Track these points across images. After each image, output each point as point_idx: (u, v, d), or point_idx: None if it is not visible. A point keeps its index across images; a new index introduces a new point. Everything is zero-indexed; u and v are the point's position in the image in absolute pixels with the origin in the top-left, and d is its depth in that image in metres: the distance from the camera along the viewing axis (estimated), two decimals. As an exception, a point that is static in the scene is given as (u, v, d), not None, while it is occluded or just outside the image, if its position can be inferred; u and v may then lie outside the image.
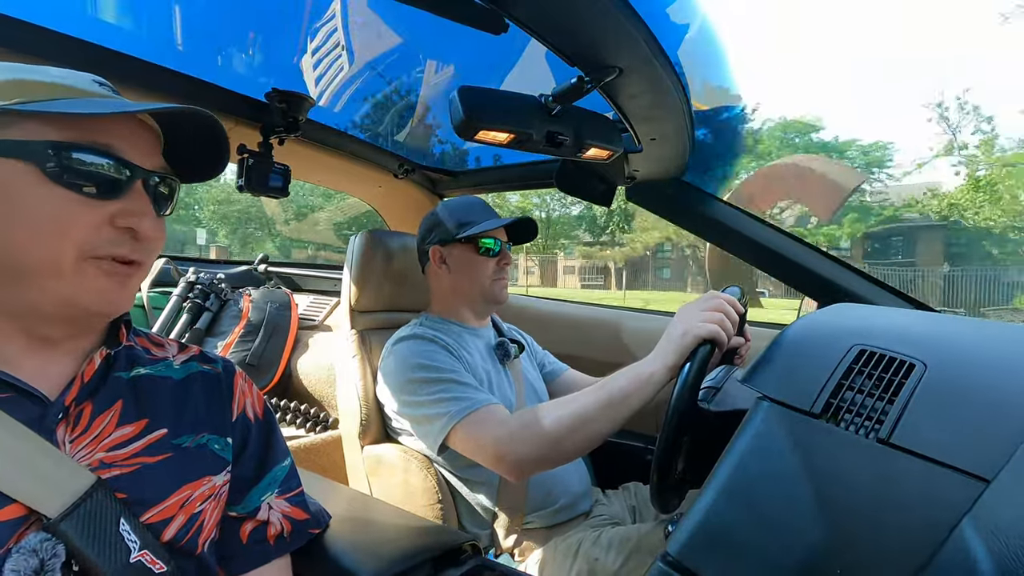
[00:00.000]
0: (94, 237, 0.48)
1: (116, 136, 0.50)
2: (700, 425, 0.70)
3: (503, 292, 1.21)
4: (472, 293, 1.21)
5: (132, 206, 0.50)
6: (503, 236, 1.21)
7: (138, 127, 0.52)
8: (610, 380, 0.86)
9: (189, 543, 0.55)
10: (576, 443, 0.87)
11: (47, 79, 0.49)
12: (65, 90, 0.49)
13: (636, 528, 1.03)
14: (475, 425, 0.95)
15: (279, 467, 0.66)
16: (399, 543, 0.74)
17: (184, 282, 1.93)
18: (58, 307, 0.49)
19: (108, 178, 0.49)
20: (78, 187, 0.47)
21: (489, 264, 1.18)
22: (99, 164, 0.48)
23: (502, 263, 1.20)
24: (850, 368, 0.53)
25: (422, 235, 1.25)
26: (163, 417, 0.57)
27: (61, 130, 0.47)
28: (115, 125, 0.50)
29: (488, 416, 0.95)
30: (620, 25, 0.71)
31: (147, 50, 1.05)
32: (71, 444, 0.50)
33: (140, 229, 0.50)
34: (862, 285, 1.18)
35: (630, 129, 1.01)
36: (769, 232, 1.25)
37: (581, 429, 0.85)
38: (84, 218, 0.48)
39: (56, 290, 0.48)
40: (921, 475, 0.44)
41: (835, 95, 41.14)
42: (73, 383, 0.51)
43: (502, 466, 0.92)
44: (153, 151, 0.53)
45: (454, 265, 1.20)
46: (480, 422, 0.95)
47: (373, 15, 1.09)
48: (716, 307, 0.81)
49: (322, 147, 1.46)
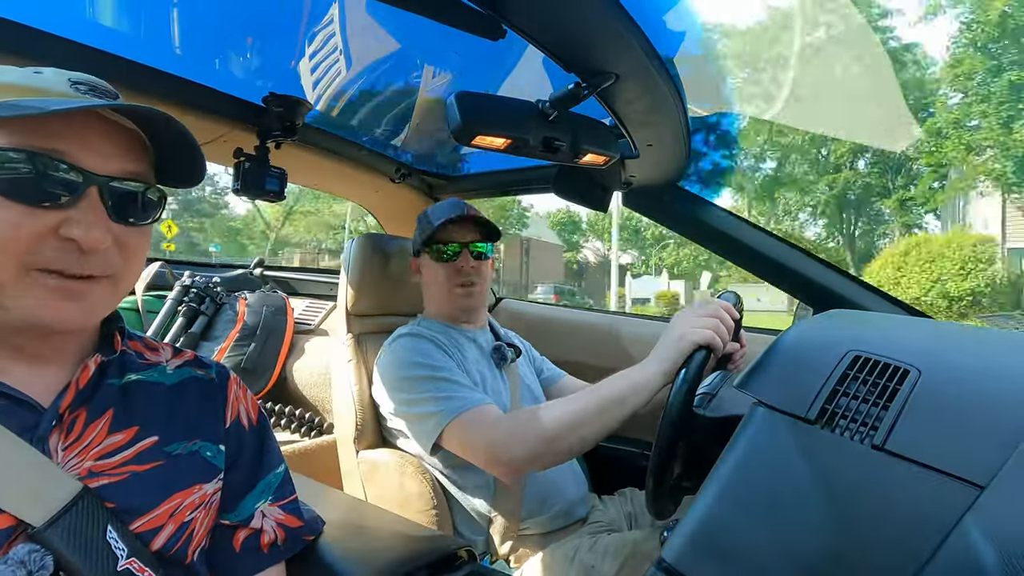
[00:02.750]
0: (35, 248, 0.45)
1: (68, 140, 0.46)
2: (696, 431, 0.70)
3: (462, 301, 1.16)
4: (439, 303, 1.20)
5: (80, 215, 0.46)
6: (467, 237, 1.15)
7: (103, 129, 0.48)
8: (606, 383, 0.86)
9: (179, 552, 0.54)
10: (570, 444, 0.86)
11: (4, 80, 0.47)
12: (20, 91, 0.46)
13: (632, 534, 1.03)
14: (468, 424, 0.95)
15: (273, 474, 0.66)
16: (394, 549, 0.74)
17: (179, 286, 1.92)
18: (15, 321, 0.47)
19: (51, 184, 0.45)
20: (17, 196, 0.44)
21: (445, 271, 1.15)
22: (40, 170, 0.45)
23: (461, 268, 1.15)
24: (845, 374, 0.53)
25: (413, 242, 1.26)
26: (154, 424, 0.56)
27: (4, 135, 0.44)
28: (68, 128, 0.46)
29: (481, 416, 0.95)
30: (617, 31, 0.71)
31: (144, 53, 1.05)
32: (64, 452, 0.49)
33: (84, 241, 0.45)
34: (857, 291, 1.18)
35: (627, 135, 1.01)
36: (765, 238, 1.25)
37: (575, 431, 0.85)
38: (22, 229, 0.44)
39: (4, 305, 0.45)
40: (916, 481, 0.44)
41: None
42: (67, 390, 0.51)
43: (495, 466, 0.92)
44: (121, 155, 0.49)
45: (424, 274, 1.21)
46: (473, 421, 0.95)
47: (371, 20, 1.09)
48: (712, 313, 0.81)
49: (319, 151, 1.46)
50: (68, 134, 0.46)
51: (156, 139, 0.52)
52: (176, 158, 0.54)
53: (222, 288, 1.99)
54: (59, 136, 0.46)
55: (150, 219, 0.53)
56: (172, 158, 0.54)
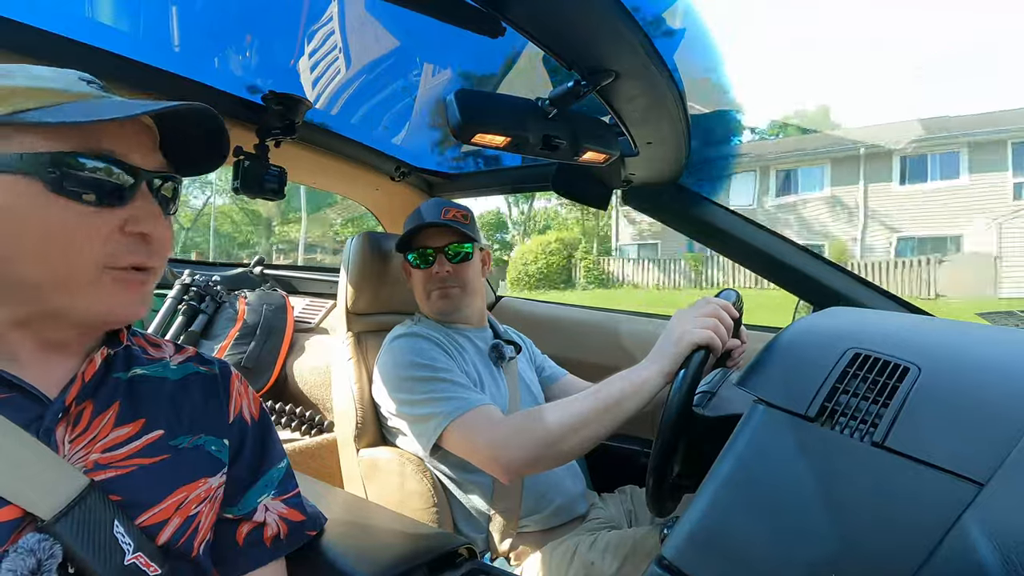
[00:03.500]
0: (108, 248, 0.48)
1: (116, 140, 0.49)
2: (696, 430, 0.70)
3: (439, 303, 1.17)
4: (423, 307, 1.21)
5: (140, 211, 0.49)
6: (442, 240, 1.16)
7: (138, 128, 0.51)
8: (605, 385, 0.86)
9: (185, 545, 0.54)
10: (570, 446, 0.87)
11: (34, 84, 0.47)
12: (54, 95, 0.48)
13: (632, 532, 1.03)
14: (468, 425, 0.95)
15: (275, 469, 0.66)
16: (394, 547, 0.74)
17: (179, 284, 1.92)
18: (75, 319, 0.49)
19: (113, 185, 0.48)
20: (83, 198, 0.46)
21: (422, 277, 1.18)
22: (103, 171, 0.47)
23: (436, 273, 1.16)
24: (845, 372, 0.53)
25: None
26: (160, 418, 0.56)
27: (59, 139, 0.46)
28: (116, 128, 0.49)
29: (481, 417, 0.95)
30: (616, 29, 0.71)
31: (144, 52, 1.04)
32: (70, 444, 0.50)
33: (153, 233, 0.49)
34: (857, 289, 1.19)
35: (626, 133, 1.01)
36: (765, 236, 1.25)
37: (575, 434, 0.85)
38: (94, 229, 0.47)
39: (73, 304, 0.47)
40: (916, 478, 0.44)
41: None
42: (73, 383, 0.51)
43: (495, 467, 0.92)
44: (152, 150, 0.52)
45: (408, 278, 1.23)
46: (473, 423, 0.95)
47: (370, 18, 1.09)
48: (711, 313, 0.81)
49: (318, 149, 1.46)
50: (116, 134, 0.49)
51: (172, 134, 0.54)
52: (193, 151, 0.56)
53: (222, 286, 2.00)
54: (109, 137, 0.48)
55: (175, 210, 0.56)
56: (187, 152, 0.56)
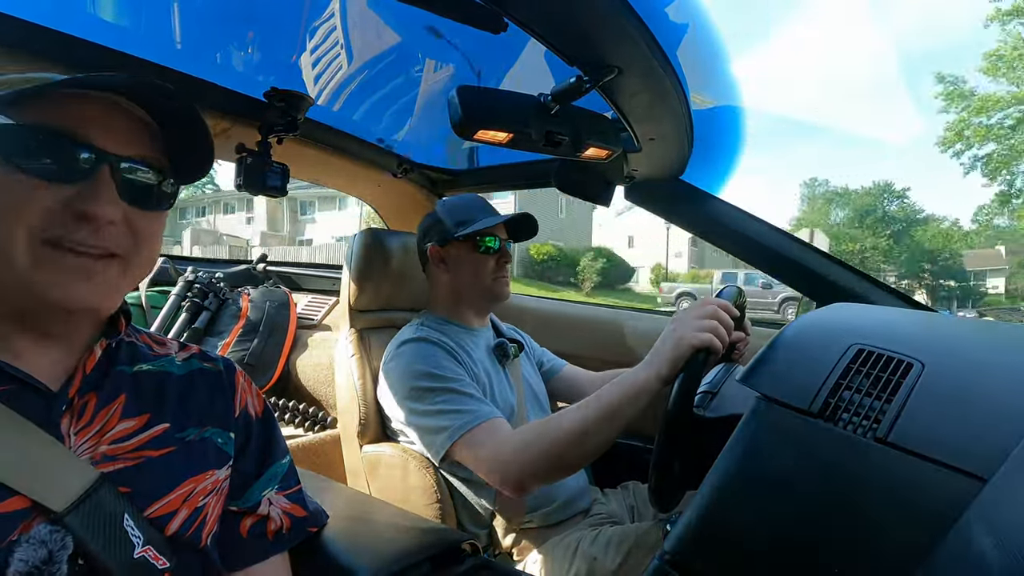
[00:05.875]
0: (47, 222, 0.46)
1: (85, 120, 0.48)
2: (698, 431, 0.70)
3: (505, 289, 1.22)
4: (473, 292, 1.21)
5: (91, 191, 0.47)
6: (503, 233, 1.21)
7: (116, 114, 0.51)
8: (604, 392, 0.85)
9: (193, 537, 0.55)
10: (576, 458, 0.89)
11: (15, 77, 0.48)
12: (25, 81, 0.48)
13: (635, 527, 1.03)
14: (476, 441, 0.95)
15: (279, 464, 0.67)
16: (397, 542, 0.75)
17: (182, 281, 1.93)
18: (25, 297, 0.48)
19: (64, 160, 0.47)
20: (27, 168, 0.46)
21: (489, 262, 1.19)
22: (50, 145, 0.47)
23: (502, 261, 1.21)
24: (848, 367, 0.53)
25: (421, 234, 1.25)
26: (166, 412, 0.57)
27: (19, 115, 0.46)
28: (86, 109, 0.48)
29: (490, 432, 0.96)
30: (619, 25, 0.71)
31: (146, 49, 1.04)
32: (76, 436, 0.50)
33: (96, 214, 0.47)
34: (860, 284, 1.18)
35: (629, 129, 1.01)
36: (768, 232, 1.25)
37: (580, 446, 0.86)
38: (35, 202, 0.46)
39: (17, 278, 0.47)
40: (918, 474, 0.44)
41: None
42: (75, 375, 0.51)
43: (502, 484, 0.93)
44: (138, 141, 0.51)
45: (453, 264, 1.20)
46: (482, 438, 0.95)
47: (372, 14, 1.09)
48: (710, 314, 0.79)
49: (321, 146, 1.46)
50: (86, 115, 0.48)
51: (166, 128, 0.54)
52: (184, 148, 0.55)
53: (225, 283, 2.00)
54: (76, 117, 0.48)
55: (163, 207, 0.54)
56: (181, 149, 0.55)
